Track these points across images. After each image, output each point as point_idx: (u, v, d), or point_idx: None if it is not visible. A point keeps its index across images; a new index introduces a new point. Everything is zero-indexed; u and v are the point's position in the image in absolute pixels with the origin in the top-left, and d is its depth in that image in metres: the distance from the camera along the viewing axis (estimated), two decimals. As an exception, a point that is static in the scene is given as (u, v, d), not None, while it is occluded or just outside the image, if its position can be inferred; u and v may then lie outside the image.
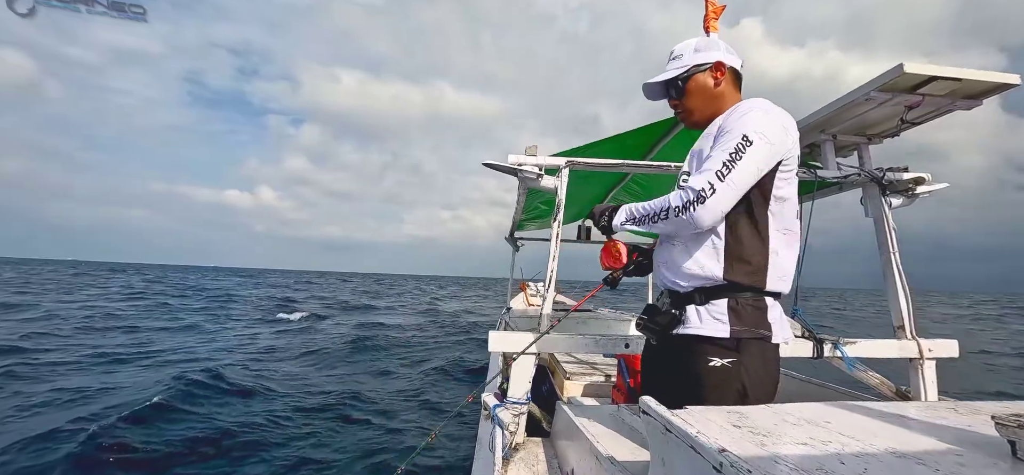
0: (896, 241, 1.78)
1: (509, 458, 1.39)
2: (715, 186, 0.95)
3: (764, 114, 1.00)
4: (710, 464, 0.58)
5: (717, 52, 1.14)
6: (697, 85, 1.14)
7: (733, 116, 1.03)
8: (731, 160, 0.96)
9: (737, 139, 0.97)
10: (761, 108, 1.02)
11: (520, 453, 1.44)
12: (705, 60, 1.13)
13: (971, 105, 1.60)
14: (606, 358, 3.53)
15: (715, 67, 1.13)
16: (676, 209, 1.00)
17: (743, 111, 1.02)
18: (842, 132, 1.87)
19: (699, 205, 0.96)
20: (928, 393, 1.65)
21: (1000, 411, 0.64)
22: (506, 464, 1.36)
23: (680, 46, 1.18)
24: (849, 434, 0.69)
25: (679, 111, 1.19)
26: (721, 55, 1.14)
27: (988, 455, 0.61)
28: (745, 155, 0.96)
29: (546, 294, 1.71)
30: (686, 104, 1.16)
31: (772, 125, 1.00)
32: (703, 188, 0.96)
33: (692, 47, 1.16)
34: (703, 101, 1.15)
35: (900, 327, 1.74)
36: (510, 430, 1.45)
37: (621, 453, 1.01)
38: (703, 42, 1.16)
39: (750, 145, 0.96)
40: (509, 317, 4.44)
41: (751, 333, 1.01)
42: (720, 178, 0.96)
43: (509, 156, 1.79)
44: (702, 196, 0.96)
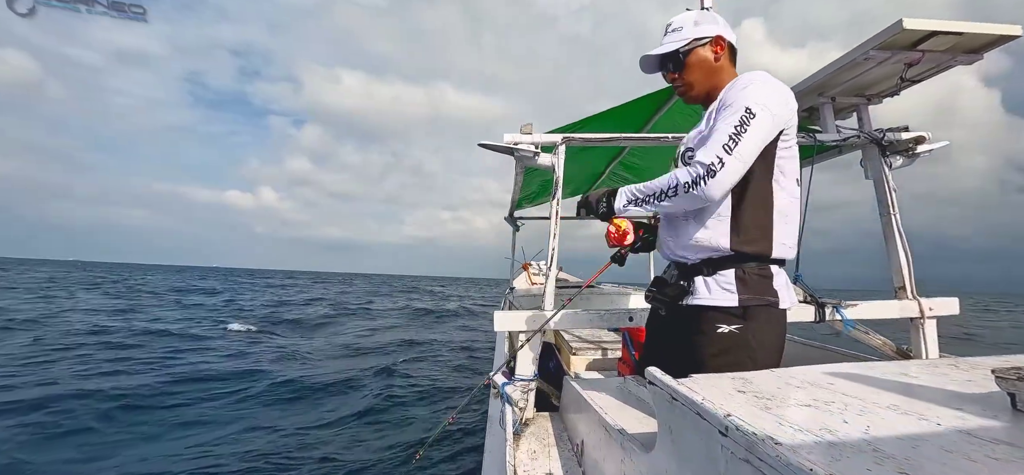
0: (896, 202, 1.78)
1: (520, 433, 1.43)
2: (724, 159, 0.95)
3: (765, 85, 1.01)
4: (716, 429, 0.60)
5: (717, 26, 1.13)
6: (697, 59, 1.13)
7: (734, 89, 1.03)
8: (737, 133, 0.96)
9: (740, 112, 0.97)
10: (761, 79, 1.02)
11: (530, 428, 1.48)
12: (705, 34, 1.12)
13: (972, 59, 1.57)
14: (611, 332, 3.57)
15: (715, 41, 1.13)
16: (685, 185, 0.99)
17: (743, 84, 1.02)
18: (841, 94, 1.85)
19: (710, 179, 0.96)
20: (929, 351, 1.67)
21: (1000, 365, 0.66)
22: (517, 439, 1.39)
23: (678, 18, 1.17)
24: (852, 394, 0.71)
25: (678, 85, 1.18)
26: (721, 29, 1.13)
27: (989, 408, 0.62)
28: (750, 127, 0.96)
29: (549, 272, 1.72)
30: (686, 78, 1.16)
31: (774, 95, 1.00)
32: (712, 162, 0.96)
33: (692, 20, 1.14)
34: (703, 75, 1.14)
35: (901, 287, 1.76)
36: (520, 406, 1.48)
37: (629, 423, 1.04)
38: (702, 16, 1.15)
39: (754, 117, 0.96)
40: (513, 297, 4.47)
41: (758, 300, 1.03)
42: (727, 151, 0.96)
43: (505, 135, 1.77)
44: (712, 170, 0.96)
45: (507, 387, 1.53)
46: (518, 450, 1.32)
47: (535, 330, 1.55)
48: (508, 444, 1.28)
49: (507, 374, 1.62)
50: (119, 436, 3.78)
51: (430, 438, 1.88)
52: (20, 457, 3.26)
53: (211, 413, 4.42)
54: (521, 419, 1.48)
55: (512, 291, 5.01)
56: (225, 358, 6.75)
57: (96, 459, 3.36)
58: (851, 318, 1.66)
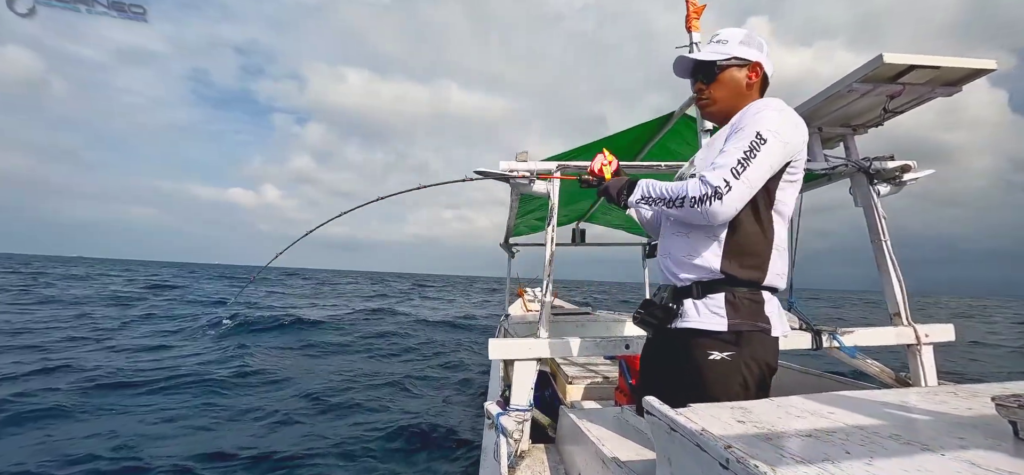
0: (887, 229, 1.81)
1: (515, 466, 1.38)
2: (731, 184, 0.95)
3: (778, 113, 1.01)
4: (717, 461, 0.58)
5: (759, 53, 1.14)
6: (730, 78, 1.13)
7: (747, 114, 1.04)
8: (746, 158, 0.96)
9: (751, 137, 0.97)
10: (775, 107, 1.03)
11: (526, 461, 1.43)
12: (747, 57, 1.12)
13: (951, 91, 1.63)
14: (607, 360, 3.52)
15: (752, 67, 1.13)
16: (693, 200, 0.99)
17: (757, 109, 1.03)
18: (827, 124, 1.90)
19: (716, 201, 0.96)
20: (927, 378, 1.66)
21: (1000, 392, 0.65)
22: (512, 472, 1.34)
23: (727, 32, 1.17)
24: (853, 424, 0.70)
25: (703, 97, 1.17)
26: (762, 57, 1.14)
27: (990, 436, 0.61)
28: (760, 153, 0.96)
29: (544, 299, 1.71)
30: (713, 92, 1.15)
31: (786, 125, 1.01)
32: (719, 186, 0.96)
33: (738, 38, 1.14)
34: (730, 95, 1.14)
35: (896, 314, 1.76)
36: (514, 438, 1.44)
37: (626, 454, 1.01)
38: (750, 37, 1.15)
39: (764, 143, 0.97)
40: (508, 324, 4.42)
41: (751, 326, 1.02)
42: (735, 176, 0.95)
43: (500, 163, 1.79)
44: (719, 192, 0.95)
45: (501, 417, 1.49)
46: None
47: (530, 358, 1.52)
48: None
49: (502, 404, 1.58)
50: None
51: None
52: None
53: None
54: (516, 451, 1.44)
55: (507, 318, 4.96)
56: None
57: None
58: (847, 345, 1.65)
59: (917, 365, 1.68)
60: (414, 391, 5.53)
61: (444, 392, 5.54)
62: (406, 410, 4.72)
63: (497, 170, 1.78)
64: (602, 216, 4.49)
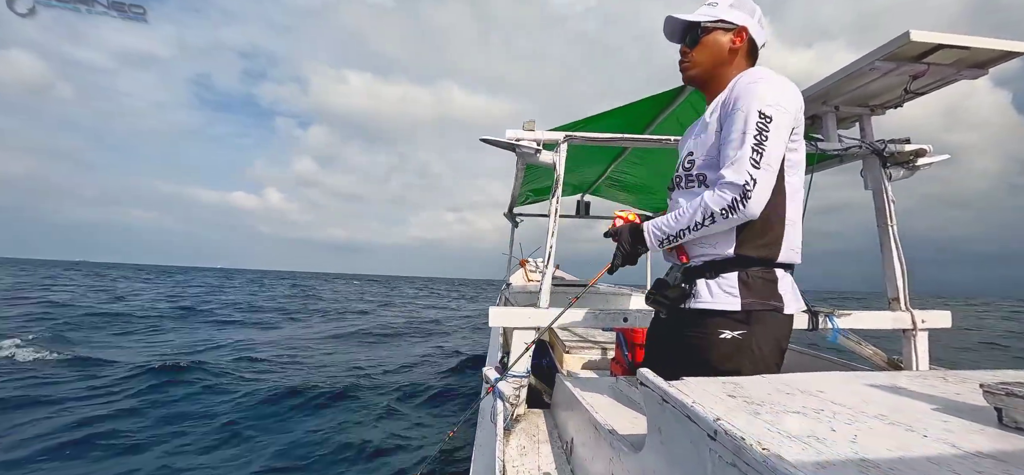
0: (894, 214, 1.78)
1: (511, 429, 1.43)
2: (755, 176, 0.93)
3: (770, 83, 0.98)
4: (705, 433, 0.60)
5: (748, 18, 1.09)
6: (714, 41, 1.09)
7: (738, 90, 1.00)
8: (759, 143, 0.93)
9: (754, 118, 0.94)
10: (765, 77, 0.99)
11: (521, 424, 1.48)
12: (733, 20, 1.08)
13: (977, 74, 1.57)
14: (605, 332, 3.59)
15: (738, 31, 1.09)
16: (723, 211, 0.95)
17: (748, 81, 0.99)
18: (844, 103, 1.84)
19: (747, 201, 0.93)
20: (920, 363, 1.68)
21: (988, 379, 0.66)
22: (508, 434, 1.40)
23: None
24: (841, 403, 0.71)
25: (685, 60, 1.14)
26: (749, 21, 1.09)
27: (975, 421, 0.63)
28: (771, 132, 0.93)
29: (545, 269, 1.72)
30: (694, 55, 1.12)
31: (784, 93, 0.97)
32: (746, 182, 0.93)
33: (729, 1, 1.10)
34: (711, 60, 1.10)
35: (895, 299, 1.76)
36: (511, 402, 1.49)
37: (619, 423, 1.04)
38: (742, 2, 1.10)
39: (771, 121, 0.94)
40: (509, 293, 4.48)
41: (763, 305, 1.01)
42: (755, 165, 0.93)
43: (507, 131, 1.77)
44: (747, 191, 0.93)
45: (500, 383, 1.53)
46: (508, 446, 1.33)
47: (529, 327, 1.55)
48: (498, 439, 1.28)
49: (500, 369, 1.63)
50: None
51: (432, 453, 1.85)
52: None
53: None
54: (512, 415, 1.49)
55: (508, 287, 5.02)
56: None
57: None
58: (843, 327, 1.67)
59: (911, 350, 1.70)
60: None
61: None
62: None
63: (504, 139, 1.76)
64: (608, 190, 4.46)
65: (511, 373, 1.56)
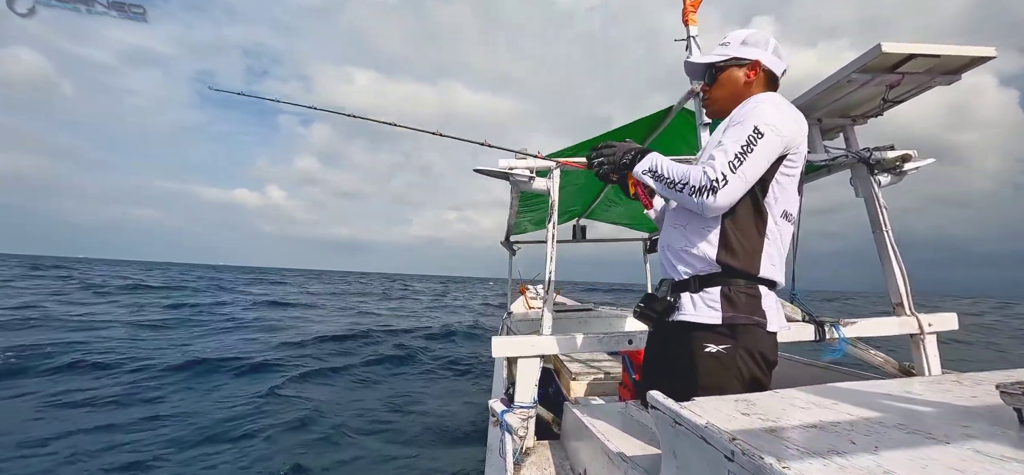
0: (888, 219, 1.80)
1: (520, 463, 1.38)
2: (727, 178, 0.96)
3: (775, 107, 1.03)
4: (721, 454, 0.58)
5: (761, 51, 1.15)
6: (728, 78, 1.16)
7: (745, 108, 1.06)
8: (743, 152, 0.97)
9: (748, 131, 0.98)
10: (772, 101, 1.04)
11: (531, 457, 1.43)
12: (745, 56, 1.15)
13: (951, 80, 1.63)
14: (610, 355, 3.53)
15: (752, 65, 1.15)
16: (692, 188, 0.99)
17: (754, 103, 1.05)
18: (827, 115, 1.89)
19: (711, 194, 0.97)
20: (931, 367, 1.66)
21: (1004, 380, 0.65)
22: (518, 469, 1.34)
23: (733, 34, 1.20)
24: (857, 414, 0.70)
25: (705, 98, 1.23)
26: (761, 54, 1.15)
27: (995, 423, 0.61)
28: (756, 148, 0.97)
29: (546, 296, 1.71)
30: (713, 93, 1.20)
31: (782, 118, 1.02)
32: (716, 179, 0.96)
33: (741, 39, 1.17)
34: (728, 95, 1.17)
35: (899, 304, 1.76)
36: (519, 435, 1.44)
37: (632, 449, 1.01)
38: (754, 37, 1.17)
39: (761, 137, 0.98)
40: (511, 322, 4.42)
41: (746, 319, 1.03)
42: (732, 170, 0.96)
43: (500, 161, 1.79)
44: (715, 186, 0.96)
45: (506, 415, 1.49)
46: None
47: (534, 355, 1.52)
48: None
49: (506, 401, 1.59)
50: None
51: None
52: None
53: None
54: (521, 448, 1.44)
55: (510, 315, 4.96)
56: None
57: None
58: (850, 336, 1.65)
59: (921, 355, 1.68)
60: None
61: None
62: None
63: (497, 169, 1.78)
64: (603, 213, 4.49)
65: (518, 404, 1.52)
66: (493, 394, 2.89)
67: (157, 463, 3.36)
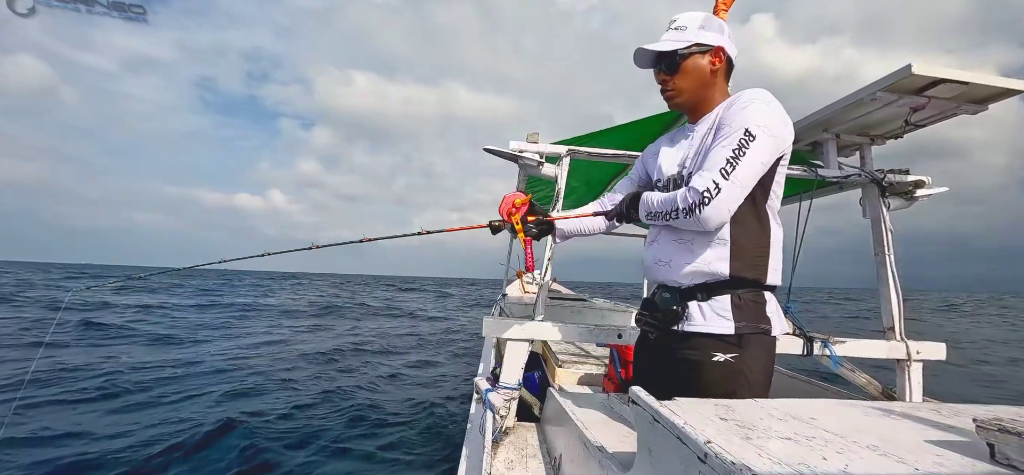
0: (892, 243, 1.79)
1: (499, 441, 1.42)
2: (720, 185, 0.92)
3: (766, 106, 0.97)
4: (695, 455, 0.59)
5: (722, 36, 1.08)
6: (693, 65, 1.07)
7: (733, 108, 0.99)
8: (735, 156, 0.92)
9: (739, 134, 0.94)
10: (762, 99, 0.98)
11: (510, 437, 1.47)
12: (708, 42, 1.07)
13: (976, 110, 1.59)
14: (599, 348, 3.56)
15: (715, 52, 1.07)
16: (683, 210, 0.96)
17: (744, 103, 0.98)
18: (845, 132, 1.86)
19: (704, 207, 0.92)
20: (913, 394, 1.67)
21: (982, 415, 0.65)
22: (495, 447, 1.38)
23: (684, 17, 1.10)
24: (833, 431, 0.70)
25: (667, 88, 1.12)
26: (725, 41, 1.08)
27: (967, 456, 0.62)
28: (749, 151, 0.93)
29: (542, 282, 1.72)
30: (676, 82, 1.09)
31: (774, 118, 0.97)
32: (707, 188, 0.92)
33: (697, 23, 1.08)
34: (694, 84, 1.09)
35: (890, 328, 1.76)
36: (500, 414, 1.47)
37: (609, 441, 1.03)
38: (710, 20, 1.09)
39: (753, 140, 0.93)
40: (504, 303, 4.46)
41: (754, 328, 1.01)
42: (725, 176, 0.92)
43: (511, 143, 1.78)
44: (707, 197, 0.92)
45: (490, 393, 1.52)
46: (495, 459, 1.31)
47: (523, 339, 1.54)
48: (486, 451, 1.26)
49: (491, 380, 1.61)
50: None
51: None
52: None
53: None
54: (501, 427, 1.47)
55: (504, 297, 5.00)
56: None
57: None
58: (838, 355, 1.66)
59: (905, 381, 1.69)
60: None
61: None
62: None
63: (507, 150, 1.77)
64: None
65: (502, 384, 1.55)
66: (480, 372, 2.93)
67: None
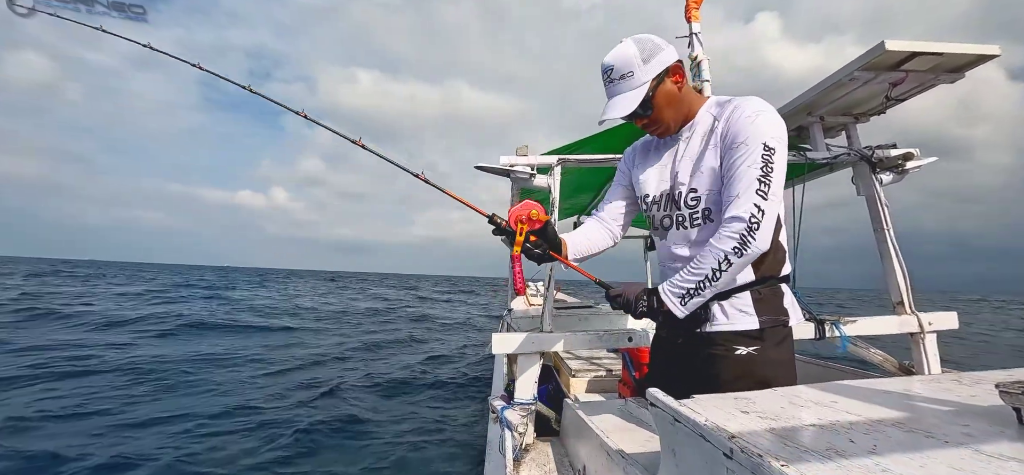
0: (890, 217, 1.80)
1: (520, 460, 1.39)
2: (763, 207, 0.92)
3: (773, 115, 0.99)
4: (720, 451, 0.59)
5: (665, 53, 1.05)
6: (664, 96, 1.05)
7: (740, 120, 0.98)
8: (765, 175, 0.93)
9: (759, 150, 0.94)
10: (768, 108, 1.00)
11: (531, 454, 1.44)
12: (660, 67, 1.04)
13: (954, 78, 1.62)
14: (610, 353, 3.53)
15: (671, 70, 1.05)
16: (735, 250, 0.92)
17: (751, 114, 0.98)
18: (829, 113, 1.89)
19: (756, 233, 0.92)
20: (931, 366, 1.66)
21: (1004, 379, 0.65)
22: (517, 466, 1.35)
23: (620, 61, 1.04)
24: (856, 412, 0.70)
25: (651, 128, 1.11)
26: (669, 55, 1.05)
27: (994, 423, 0.62)
28: (775, 164, 0.94)
29: (546, 294, 1.71)
30: (661, 118, 1.07)
31: (781, 125, 0.99)
32: (752, 215, 0.92)
33: (639, 59, 1.03)
34: (674, 109, 1.07)
35: (899, 303, 1.76)
36: (519, 431, 1.45)
37: (631, 446, 1.01)
38: (646, 47, 1.04)
39: (775, 153, 0.94)
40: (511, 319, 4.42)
41: (775, 320, 1.03)
42: (763, 197, 0.92)
43: (501, 158, 1.79)
44: (754, 223, 0.92)
45: (506, 411, 1.50)
46: None
47: (533, 352, 1.53)
48: (508, 471, 1.24)
49: (506, 398, 1.59)
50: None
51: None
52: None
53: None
54: (521, 445, 1.45)
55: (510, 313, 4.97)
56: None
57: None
58: (850, 334, 1.65)
59: (921, 353, 1.68)
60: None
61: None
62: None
63: (498, 165, 1.78)
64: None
65: (517, 400, 1.53)
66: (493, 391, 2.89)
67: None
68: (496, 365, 3.53)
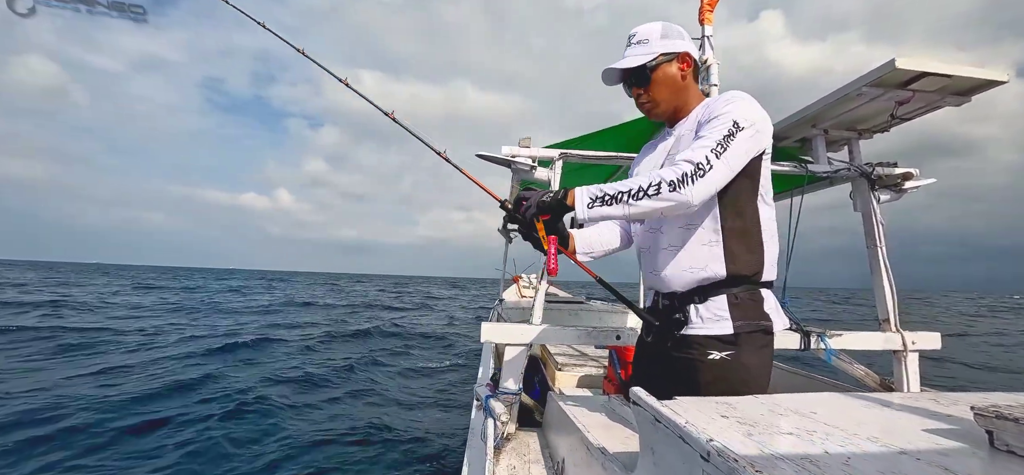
0: (883, 236, 1.81)
1: (501, 448, 1.40)
2: (712, 162, 0.92)
3: (751, 104, 1.00)
4: (698, 454, 0.59)
5: (684, 42, 1.10)
6: (665, 75, 1.09)
7: (718, 103, 1.01)
8: (726, 138, 0.94)
9: (728, 123, 0.96)
10: (745, 97, 1.01)
11: (512, 443, 1.46)
12: (673, 49, 1.08)
13: (960, 101, 1.62)
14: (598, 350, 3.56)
15: (682, 58, 1.09)
16: (671, 182, 0.90)
17: (727, 100, 1.01)
18: (833, 127, 1.89)
19: (698, 178, 0.90)
20: (910, 384, 1.69)
21: (979, 402, 0.66)
22: (497, 453, 1.37)
23: (643, 29, 1.11)
24: (834, 424, 0.71)
25: (643, 101, 1.12)
26: (688, 46, 1.10)
27: (967, 444, 0.63)
28: (737, 137, 0.95)
29: (538, 286, 1.72)
30: (652, 94, 1.10)
31: (757, 114, 1.00)
32: (701, 161, 0.91)
33: (658, 33, 1.09)
34: (670, 93, 1.10)
35: (885, 320, 1.77)
36: (502, 420, 1.46)
37: (612, 443, 1.02)
38: (670, 28, 1.10)
39: (741, 130, 0.95)
40: (502, 309, 4.44)
41: (752, 325, 1.01)
42: (716, 155, 0.92)
43: (503, 148, 1.78)
44: (701, 169, 0.90)
45: (490, 400, 1.51)
46: (498, 465, 1.30)
47: (521, 343, 1.53)
48: (488, 459, 1.25)
49: (491, 387, 1.60)
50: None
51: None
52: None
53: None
54: (503, 434, 1.46)
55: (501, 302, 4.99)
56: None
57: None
58: (835, 348, 1.67)
59: (902, 371, 1.71)
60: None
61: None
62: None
63: (500, 155, 1.77)
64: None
65: (502, 390, 1.54)
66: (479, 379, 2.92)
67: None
68: (484, 353, 3.56)
